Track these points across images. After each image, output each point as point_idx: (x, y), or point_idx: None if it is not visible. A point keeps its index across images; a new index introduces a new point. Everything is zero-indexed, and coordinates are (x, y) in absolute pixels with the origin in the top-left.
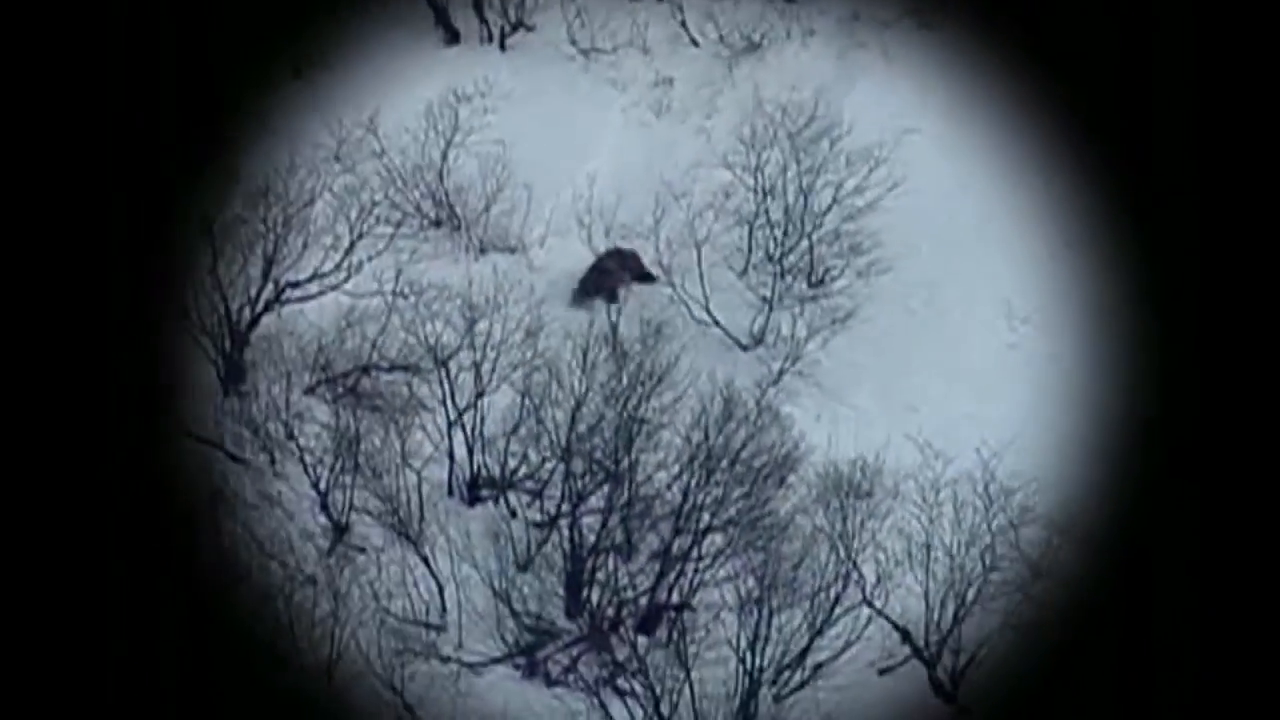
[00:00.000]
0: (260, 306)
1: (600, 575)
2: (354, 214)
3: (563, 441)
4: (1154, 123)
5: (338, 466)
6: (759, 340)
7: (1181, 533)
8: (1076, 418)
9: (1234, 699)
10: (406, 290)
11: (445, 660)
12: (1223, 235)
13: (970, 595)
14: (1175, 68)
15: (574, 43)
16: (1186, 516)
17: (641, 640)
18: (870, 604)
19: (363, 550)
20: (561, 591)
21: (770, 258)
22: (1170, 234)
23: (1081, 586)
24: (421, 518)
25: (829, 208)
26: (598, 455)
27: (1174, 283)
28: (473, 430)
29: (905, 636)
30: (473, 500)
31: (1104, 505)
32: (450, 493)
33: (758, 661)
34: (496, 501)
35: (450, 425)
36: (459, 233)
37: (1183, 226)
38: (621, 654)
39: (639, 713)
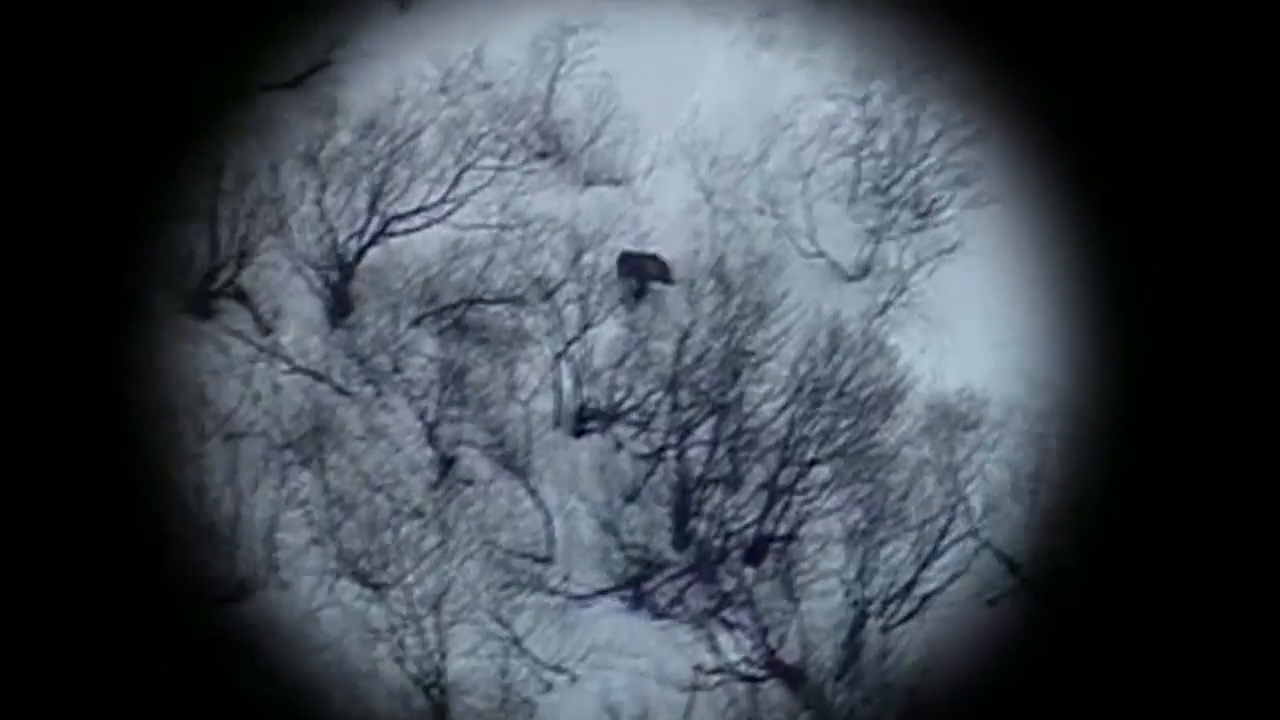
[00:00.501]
0: (366, 239)
1: (707, 507)
2: (460, 146)
3: (669, 373)
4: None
5: (444, 399)
6: (865, 271)
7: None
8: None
9: None
10: (512, 222)
11: (552, 592)
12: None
13: (1077, 526)
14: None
15: None
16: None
17: (748, 572)
18: (977, 535)
19: (470, 483)
20: (668, 523)
21: (876, 189)
22: None
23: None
24: (528, 450)
25: (935, 138)
26: (704, 387)
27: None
28: (579, 362)
29: (1013, 568)
30: (579, 432)
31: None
32: (557, 425)
33: (865, 593)
34: (603, 434)
35: (557, 357)
36: (564, 165)
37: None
38: (728, 586)
39: (746, 644)
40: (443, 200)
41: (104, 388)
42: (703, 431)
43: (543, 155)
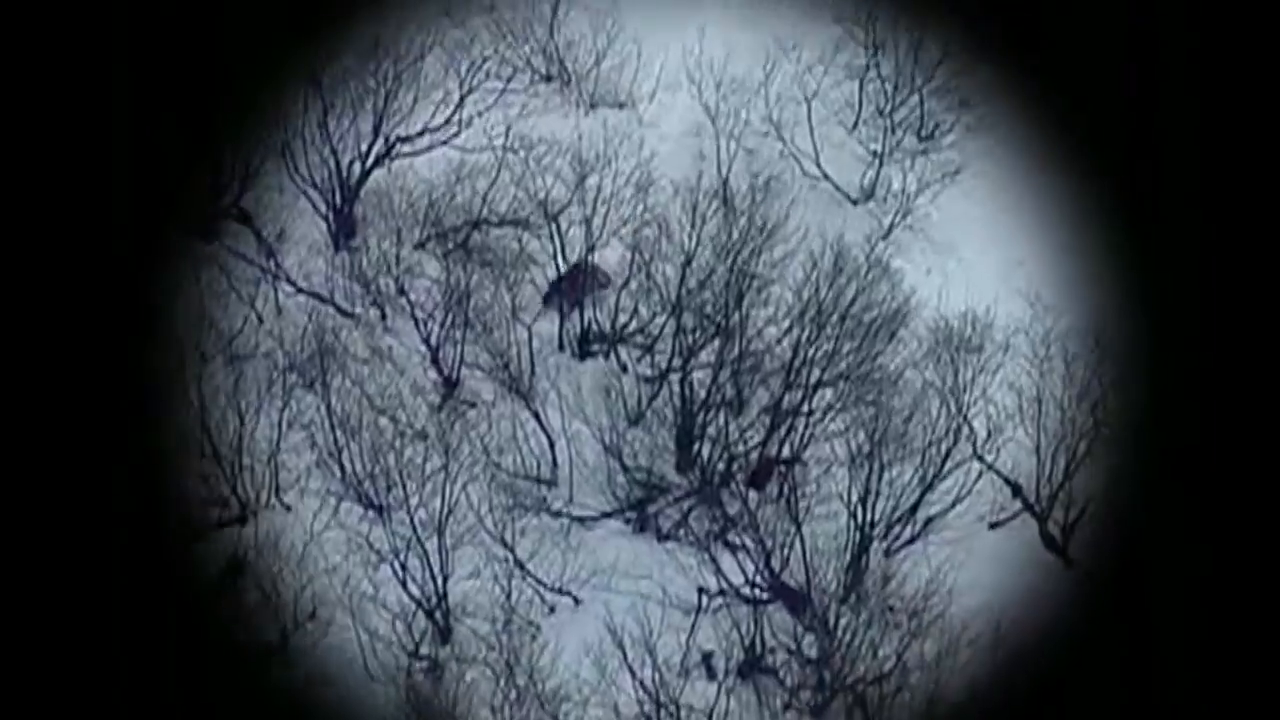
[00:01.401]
0: (370, 161)
1: (711, 430)
2: (464, 69)
3: (673, 296)
4: None
5: (448, 321)
6: (869, 195)
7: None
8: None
9: None
10: (516, 145)
11: (556, 515)
12: None
13: (1081, 450)
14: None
15: None
16: None
17: (752, 495)
18: (981, 458)
19: (474, 405)
20: (672, 446)
21: (880, 112)
22: None
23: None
24: (532, 373)
25: (939, 62)
26: (708, 310)
27: None
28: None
29: (1016, 491)
30: (583, 355)
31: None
32: (561, 348)
33: (868, 516)
34: (607, 356)
35: (561, 279)
36: (569, 88)
37: None
38: (732, 509)
39: (750, 567)
40: (447, 123)
41: (109, 310)
42: (707, 354)
43: (547, 78)
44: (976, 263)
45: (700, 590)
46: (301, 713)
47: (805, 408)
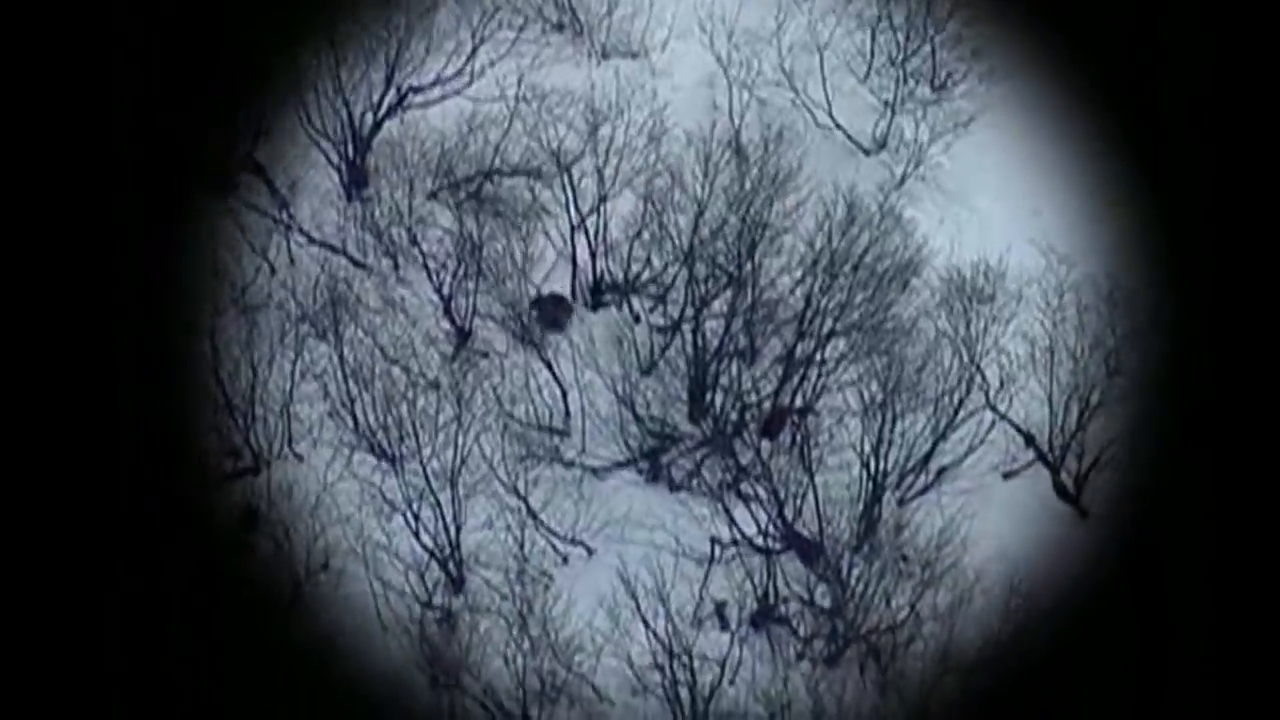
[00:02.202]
0: (383, 111)
1: (723, 380)
2: (476, 18)
3: (685, 246)
4: None
5: (461, 272)
6: (882, 145)
7: None
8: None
9: None
10: (528, 95)
11: (569, 464)
12: None
13: (1094, 399)
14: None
15: None
16: None
17: (765, 445)
18: (994, 408)
19: (486, 355)
20: (685, 396)
21: (892, 62)
22: None
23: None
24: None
25: (951, 11)
26: (720, 260)
27: None
28: (595, 235)
29: (1029, 440)
30: (596, 305)
31: None
32: (573, 298)
33: (881, 466)
34: (619, 306)
35: (573, 230)
36: (581, 37)
37: None
38: (745, 458)
39: (763, 517)
40: (459, 73)
41: (123, 262)
42: (720, 304)
43: (559, 28)
44: (989, 212)
45: (713, 540)
46: (315, 663)
47: (818, 357)
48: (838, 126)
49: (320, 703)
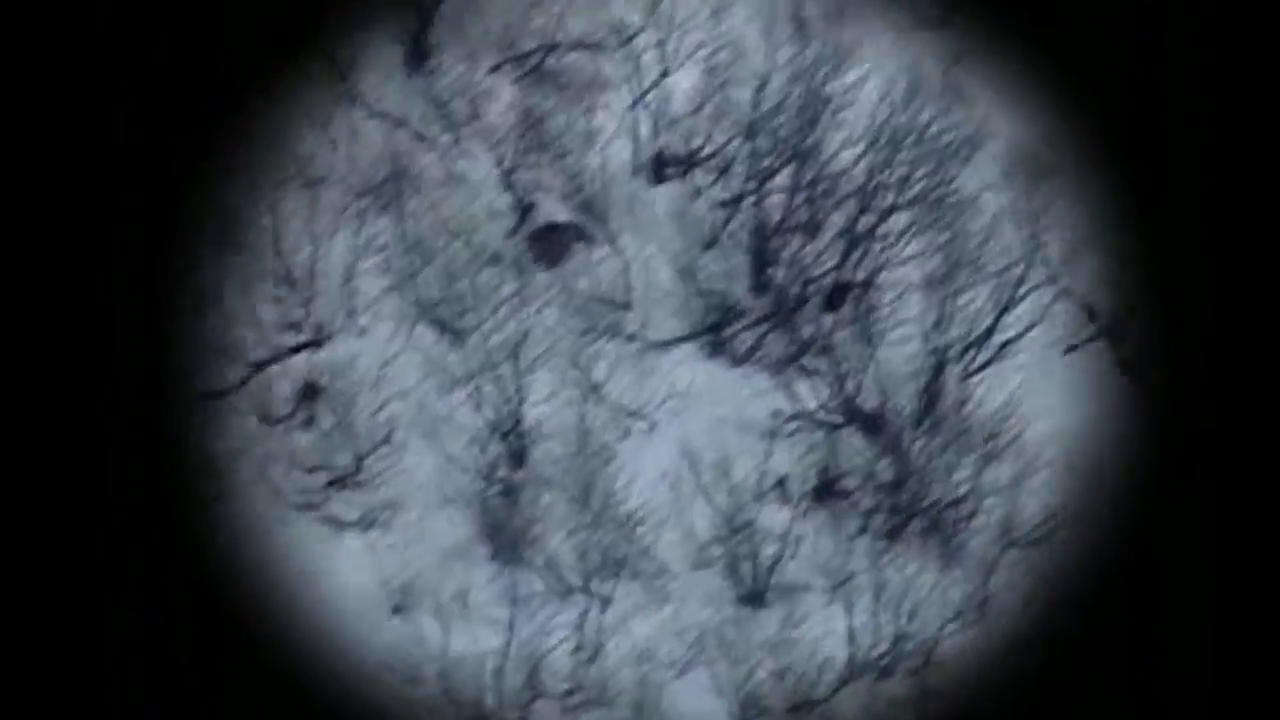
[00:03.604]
0: None
1: (785, 254)
2: None
3: (747, 120)
4: None
5: (522, 145)
6: (945, 19)
7: None
8: None
9: None
10: None
11: (630, 339)
12: None
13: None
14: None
15: None
16: None
17: (827, 318)
18: (1056, 282)
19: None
20: (747, 270)
21: None
22: None
23: None
24: (606, 197)
25: None
26: (782, 134)
27: None
28: (657, 109)
29: (1091, 315)
30: (657, 179)
31: None
32: (635, 172)
33: (943, 340)
34: (681, 180)
35: (635, 104)
36: None
37: None
38: (807, 332)
39: (824, 391)
40: None
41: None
42: (781, 178)
43: None
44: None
45: (775, 414)
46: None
47: (879, 231)
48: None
49: None
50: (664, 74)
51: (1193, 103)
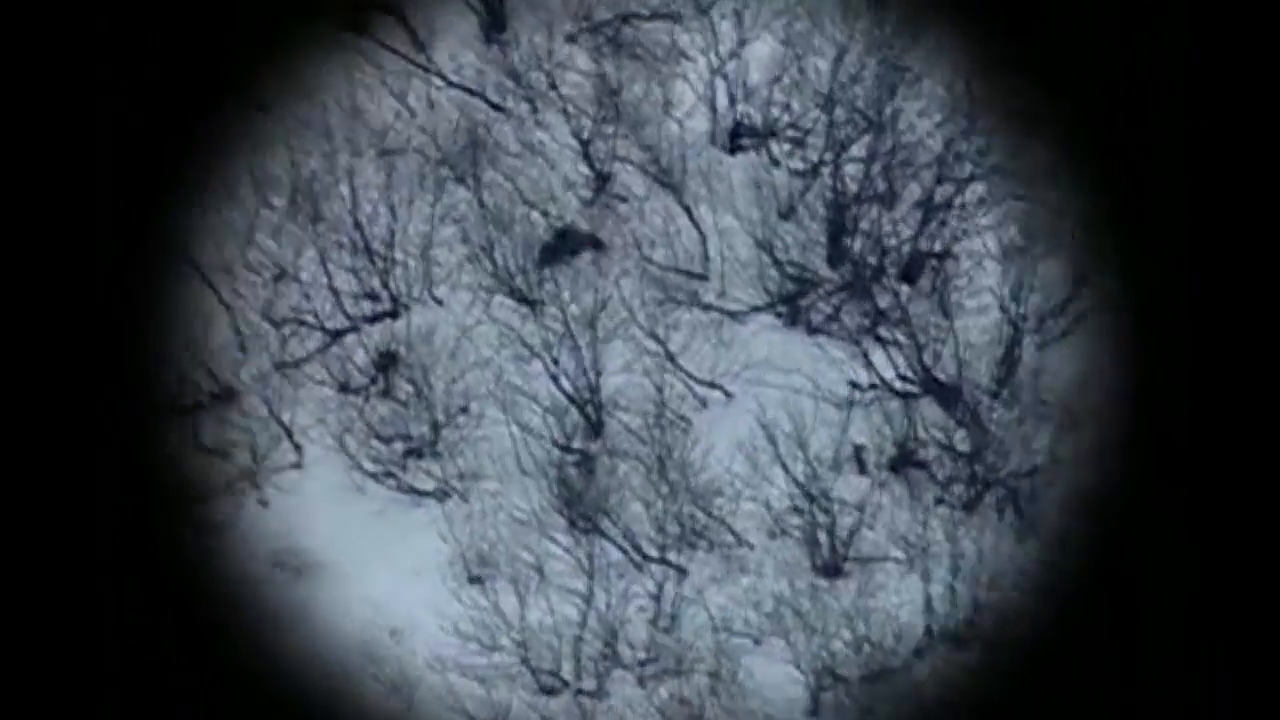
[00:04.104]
0: None
1: (863, 224)
2: None
3: (825, 90)
4: None
5: (599, 115)
6: None
7: None
8: None
9: None
10: None
11: (707, 308)
12: None
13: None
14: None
15: None
16: None
17: (904, 289)
18: None
19: (625, 200)
20: (824, 240)
21: None
22: None
23: None
24: (683, 167)
25: None
26: (860, 103)
27: None
28: (734, 79)
29: None
30: (734, 149)
31: None
32: (712, 142)
33: (1020, 309)
34: (758, 150)
35: (712, 74)
36: None
37: None
38: (884, 302)
39: (901, 361)
40: None
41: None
42: (859, 148)
43: None
44: None
45: (852, 384)
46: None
47: (958, 201)
48: None
49: None
50: (742, 43)
51: None
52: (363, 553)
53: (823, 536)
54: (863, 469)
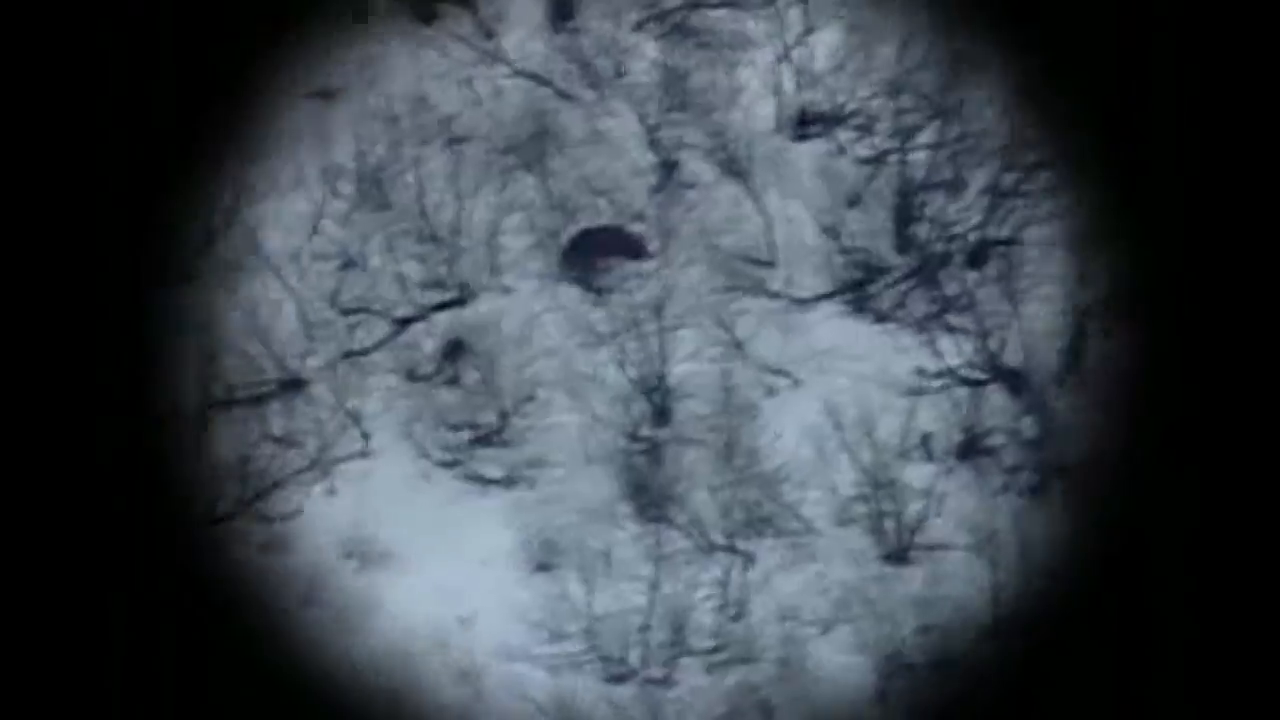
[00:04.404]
0: None
1: (929, 211)
2: None
3: (891, 77)
4: None
5: (666, 103)
6: None
7: None
8: None
9: None
10: None
11: (774, 296)
12: None
13: None
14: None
15: None
16: None
17: (970, 276)
18: None
19: (692, 187)
20: (890, 227)
21: None
22: None
23: None
24: (750, 154)
25: None
26: (926, 91)
27: None
28: (801, 66)
29: None
30: (801, 137)
31: None
32: (778, 129)
33: (1086, 298)
34: (825, 138)
35: (778, 61)
36: None
37: None
38: (950, 290)
39: (968, 348)
40: None
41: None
42: (925, 136)
43: None
44: None
45: (918, 371)
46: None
47: (1023, 189)
48: None
49: None
50: (808, 31)
51: None
52: (430, 541)
53: (889, 524)
54: (930, 456)
